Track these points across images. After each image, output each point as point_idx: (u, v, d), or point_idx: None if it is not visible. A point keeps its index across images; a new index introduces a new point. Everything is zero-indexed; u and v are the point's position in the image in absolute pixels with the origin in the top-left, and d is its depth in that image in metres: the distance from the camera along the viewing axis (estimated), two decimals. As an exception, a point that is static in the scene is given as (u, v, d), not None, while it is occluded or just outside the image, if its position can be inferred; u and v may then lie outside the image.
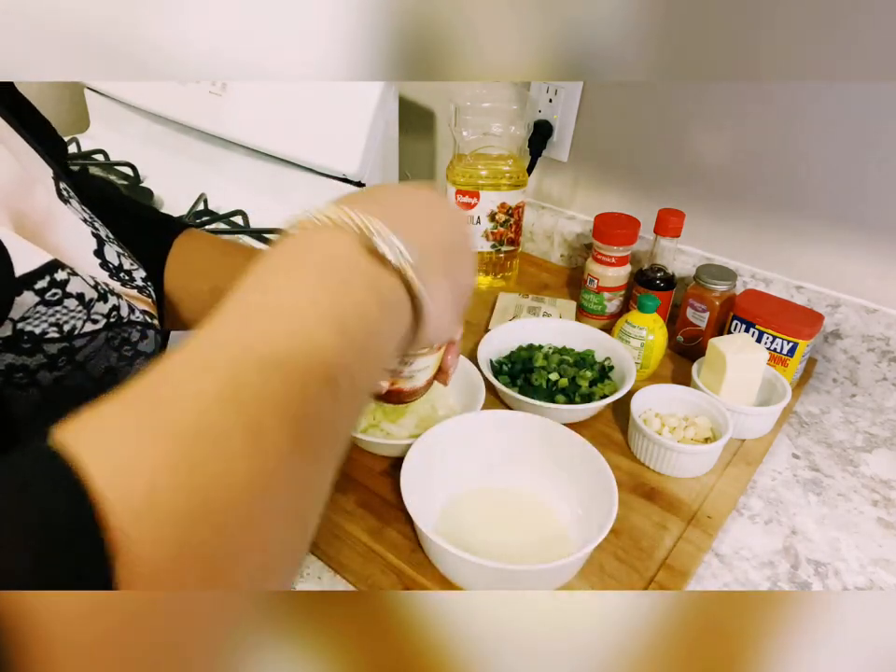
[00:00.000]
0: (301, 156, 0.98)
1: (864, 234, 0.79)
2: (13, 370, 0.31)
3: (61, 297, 0.33)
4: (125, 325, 0.38)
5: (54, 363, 0.33)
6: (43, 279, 0.32)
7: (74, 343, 0.34)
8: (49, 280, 0.32)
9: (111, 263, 0.40)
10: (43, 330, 0.32)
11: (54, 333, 0.33)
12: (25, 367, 0.32)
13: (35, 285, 0.31)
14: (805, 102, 0.77)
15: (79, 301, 0.34)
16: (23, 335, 0.31)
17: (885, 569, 0.59)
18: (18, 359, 0.31)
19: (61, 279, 0.33)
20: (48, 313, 0.32)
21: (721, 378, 0.70)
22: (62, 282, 0.33)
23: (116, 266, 0.41)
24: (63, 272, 0.33)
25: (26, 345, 0.31)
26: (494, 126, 0.92)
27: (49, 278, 0.32)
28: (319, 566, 0.57)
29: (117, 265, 0.41)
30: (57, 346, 0.33)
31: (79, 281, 0.34)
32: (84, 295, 0.34)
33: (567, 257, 1.07)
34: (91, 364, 0.36)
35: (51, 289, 0.32)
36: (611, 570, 0.56)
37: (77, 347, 0.34)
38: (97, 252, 0.40)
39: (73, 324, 0.34)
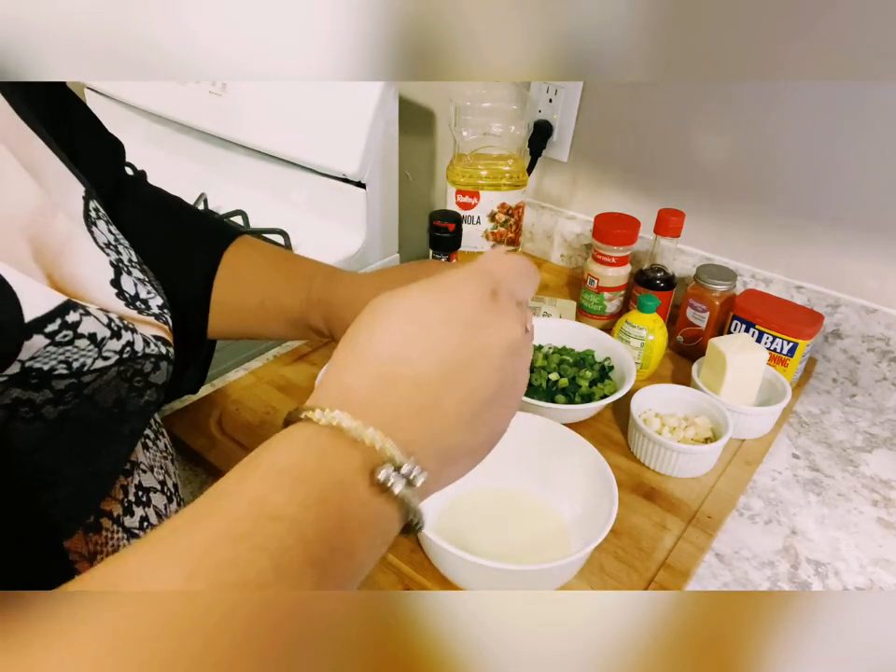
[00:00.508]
0: (301, 156, 0.98)
1: (864, 234, 0.79)
2: (19, 404, 0.31)
3: (72, 337, 0.32)
4: (139, 358, 0.37)
5: (61, 398, 0.33)
6: (54, 322, 0.31)
7: (82, 378, 0.33)
8: (61, 323, 0.31)
9: (127, 293, 0.40)
10: (52, 367, 0.31)
11: (63, 370, 0.32)
12: (31, 401, 0.31)
13: (45, 328, 0.30)
14: (805, 102, 0.77)
15: (91, 341, 0.33)
16: (31, 371, 0.31)
17: (885, 569, 0.59)
18: (24, 394, 0.31)
19: (72, 321, 0.32)
20: (57, 352, 0.31)
21: (721, 378, 0.70)
22: (73, 324, 0.32)
23: (132, 295, 0.41)
24: (75, 312, 0.32)
25: (33, 381, 0.31)
26: (494, 126, 0.92)
27: (61, 321, 0.31)
28: (319, 566, 0.57)
29: (133, 294, 0.41)
30: (65, 382, 0.32)
31: (92, 321, 0.33)
32: (96, 335, 0.34)
33: (567, 257, 1.07)
34: (100, 396, 0.35)
35: (62, 331, 0.31)
36: (611, 570, 0.56)
37: (86, 383, 0.34)
38: (113, 282, 0.39)
39: (82, 361, 0.33)
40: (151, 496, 0.44)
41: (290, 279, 0.56)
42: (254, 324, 0.57)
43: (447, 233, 0.82)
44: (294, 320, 0.55)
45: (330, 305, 0.53)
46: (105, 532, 0.39)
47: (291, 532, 0.24)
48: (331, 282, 0.55)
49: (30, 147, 0.38)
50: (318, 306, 0.54)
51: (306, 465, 0.26)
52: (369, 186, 0.96)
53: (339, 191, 0.98)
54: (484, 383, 0.30)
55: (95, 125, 0.52)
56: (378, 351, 0.29)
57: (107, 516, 0.39)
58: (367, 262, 1.02)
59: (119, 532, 0.39)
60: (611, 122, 0.95)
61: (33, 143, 0.38)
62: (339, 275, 0.56)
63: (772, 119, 0.81)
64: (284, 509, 0.24)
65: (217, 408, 0.72)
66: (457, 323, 0.29)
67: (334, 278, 0.55)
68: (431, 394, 0.29)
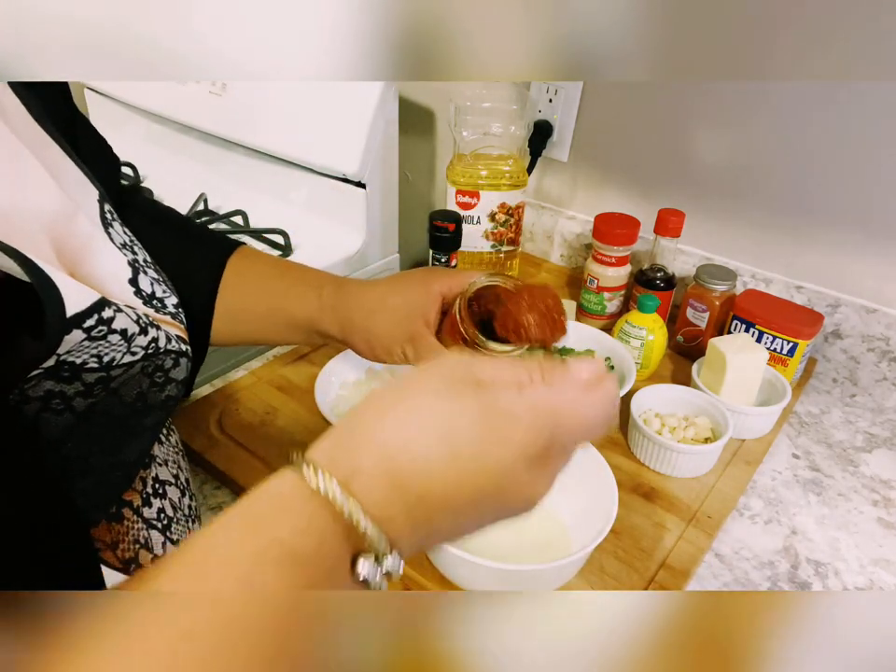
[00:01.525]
0: (301, 156, 0.98)
1: (864, 234, 0.79)
2: (51, 396, 0.32)
3: (106, 333, 0.33)
4: (161, 354, 0.39)
5: (90, 391, 0.34)
6: (91, 318, 0.32)
7: (111, 372, 0.35)
8: (97, 318, 0.33)
9: (144, 291, 0.41)
10: (84, 361, 0.33)
11: (94, 364, 0.33)
12: (63, 393, 0.32)
13: (83, 324, 0.32)
14: (805, 102, 0.77)
15: (122, 336, 0.35)
16: (65, 365, 0.32)
17: (885, 569, 0.59)
18: (56, 386, 0.32)
19: (107, 317, 0.33)
20: (91, 346, 0.33)
21: (721, 378, 0.70)
22: (108, 319, 0.33)
23: (149, 294, 0.42)
24: (109, 309, 0.34)
25: (66, 374, 0.32)
26: (494, 126, 0.92)
27: (97, 316, 0.33)
28: (319, 566, 0.57)
29: (150, 293, 0.42)
30: (95, 376, 0.34)
31: (124, 317, 0.35)
32: (127, 330, 0.35)
33: (567, 257, 1.07)
34: (125, 390, 0.37)
35: (98, 326, 0.33)
36: (611, 570, 0.56)
37: (114, 377, 0.35)
38: (131, 281, 0.40)
39: (112, 356, 0.34)
40: (167, 488, 0.45)
41: (298, 286, 0.57)
42: (260, 330, 0.58)
43: (447, 233, 0.82)
44: (302, 327, 0.57)
45: (347, 314, 0.54)
46: (126, 522, 0.40)
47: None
48: (342, 289, 0.56)
49: (48, 151, 0.39)
50: (332, 313, 0.55)
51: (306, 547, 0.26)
52: (369, 186, 0.96)
53: (339, 191, 0.98)
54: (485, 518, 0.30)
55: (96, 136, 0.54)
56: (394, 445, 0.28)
57: (128, 506, 0.41)
58: (367, 262, 1.02)
59: (138, 522, 0.41)
60: (611, 122, 0.95)
61: (51, 147, 0.39)
62: (348, 283, 0.58)
63: (772, 119, 0.81)
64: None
65: (216, 408, 0.72)
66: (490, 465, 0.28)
67: (344, 286, 0.57)
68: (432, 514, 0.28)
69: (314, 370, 0.74)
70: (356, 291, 0.56)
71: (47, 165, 0.36)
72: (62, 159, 0.40)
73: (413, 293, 0.54)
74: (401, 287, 0.55)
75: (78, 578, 0.32)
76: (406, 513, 0.28)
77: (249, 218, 1.01)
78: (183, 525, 0.46)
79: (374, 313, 0.54)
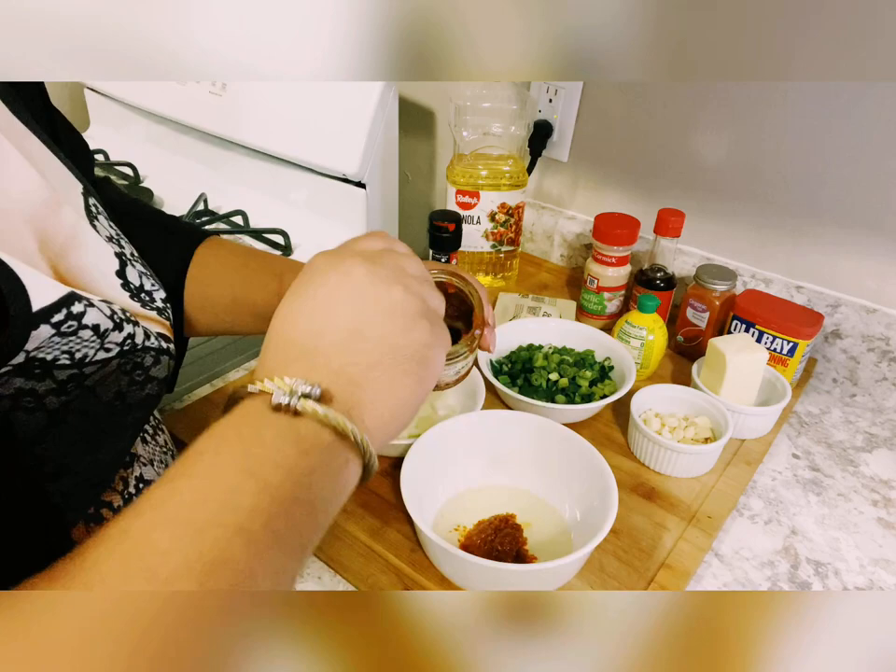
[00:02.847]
0: (300, 156, 0.98)
1: (864, 234, 0.79)
2: (21, 394, 0.31)
3: (76, 328, 0.33)
4: (138, 351, 0.38)
5: (63, 388, 0.33)
6: (60, 312, 0.32)
7: (84, 370, 0.34)
8: (66, 313, 0.32)
9: (132, 284, 0.41)
10: (55, 357, 0.32)
11: (65, 360, 0.33)
12: (34, 391, 0.32)
13: (51, 318, 0.31)
14: (805, 102, 0.77)
15: (94, 332, 0.34)
16: (35, 361, 0.31)
17: (885, 569, 0.59)
18: (27, 384, 0.31)
19: (77, 312, 0.33)
20: (61, 342, 0.32)
21: (721, 378, 0.70)
22: (78, 314, 0.33)
23: (137, 287, 0.41)
24: (79, 304, 0.33)
25: (36, 371, 0.31)
26: (494, 126, 0.92)
27: (66, 311, 0.32)
28: (319, 566, 0.57)
29: (138, 286, 0.41)
30: (67, 373, 0.33)
31: (95, 312, 0.34)
32: (99, 326, 0.34)
33: (567, 257, 1.07)
34: (101, 388, 0.36)
35: (67, 322, 0.32)
36: (611, 570, 0.56)
37: (87, 374, 0.34)
38: (119, 273, 0.40)
39: (85, 352, 0.34)
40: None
41: (259, 275, 0.57)
42: (227, 319, 0.58)
43: (447, 233, 0.82)
44: (265, 315, 0.56)
45: None
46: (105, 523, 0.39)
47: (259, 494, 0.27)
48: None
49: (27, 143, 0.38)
50: None
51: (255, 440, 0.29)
52: (369, 186, 0.96)
53: (339, 191, 0.98)
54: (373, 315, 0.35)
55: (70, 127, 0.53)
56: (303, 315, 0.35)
57: (108, 507, 0.40)
58: (367, 262, 1.02)
59: None
60: (611, 122, 0.95)
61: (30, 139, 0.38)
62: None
63: (772, 119, 0.81)
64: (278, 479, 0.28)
65: (217, 408, 0.72)
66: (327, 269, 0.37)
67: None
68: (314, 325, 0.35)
69: (314, 370, 0.74)
70: None
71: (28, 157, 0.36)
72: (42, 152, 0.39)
73: None
74: None
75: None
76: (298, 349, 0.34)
77: (249, 218, 1.01)
78: None
79: None
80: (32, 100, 0.44)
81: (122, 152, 1.19)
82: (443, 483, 0.61)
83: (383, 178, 0.98)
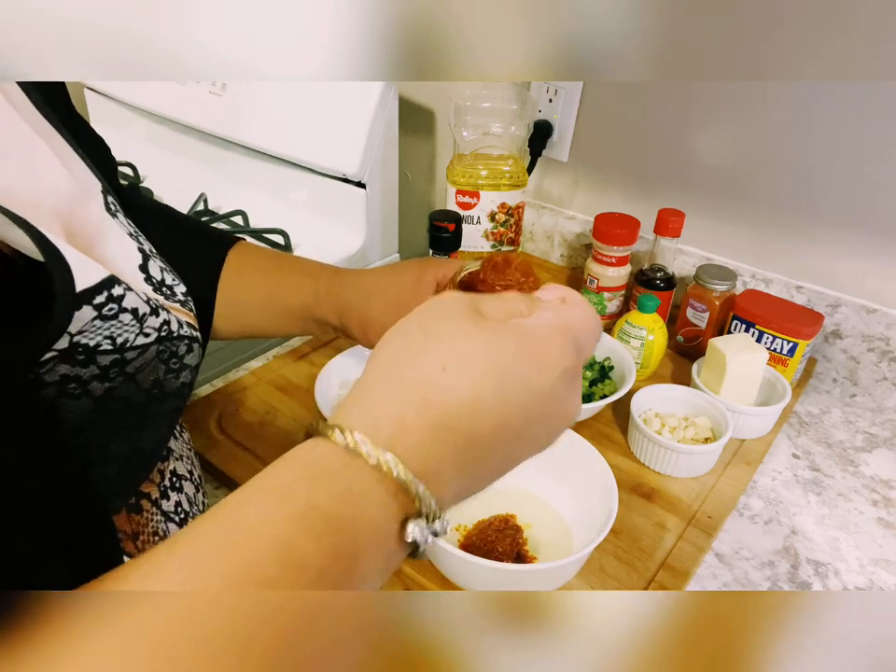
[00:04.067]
0: (301, 156, 0.98)
1: (864, 234, 0.79)
2: (67, 380, 0.32)
3: (117, 311, 0.33)
4: (174, 339, 0.39)
5: (106, 374, 0.34)
6: (101, 294, 0.32)
7: (125, 355, 0.35)
8: (107, 295, 0.33)
9: (154, 278, 0.41)
10: (97, 343, 0.33)
11: (107, 346, 0.33)
12: (78, 377, 0.32)
13: (93, 300, 0.32)
14: (805, 102, 0.77)
15: (133, 316, 0.35)
16: (78, 347, 0.32)
17: (885, 569, 0.59)
18: (72, 370, 0.32)
19: (117, 294, 0.33)
20: (103, 326, 0.33)
21: (720, 378, 0.70)
22: (118, 297, 0.33)
23: (159, 281, 0.42)
24: (119, 287, 0.34)
25: (80, 356, 0.32)
26: (494, 126, 0.92)
27: (107, 293, 0.33)
28: (319, 566, 0.57)
29: (160, 280, 0.42)
30: (109, 358, 0.34)
31: (134, 296, 0.35)
32: (138, 310, 0.35)
33: (567, 257, 1.07)
34: (141, 376, 0.37)
35: (108, 304, 0.33)
36: (611, 570, 0.56)
37: (129, 359, 0.35)
38: (142, 267, 0.41)
39: (126, 337, 0.34)
40: (183, 483, 0.46)
41: (294, 276, 0.58)
42: (259, 321, 0.59)
43: (447, 233, 0.82)
44: (299, 316, 0.57)
45: (343, 298, 0.56)
46: (145, 513, 0.41)
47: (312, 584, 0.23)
48: (339, 277, 0.57)
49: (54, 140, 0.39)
50: (328, 299, 0.56)
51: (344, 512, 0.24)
52: (369, 186, 0.96)
53: (339, 191, 0.98)
54: (532, 445, 0.30)
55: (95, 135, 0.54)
56: (436, 388, 0.27)
57: (147, 498, 0.41)
58: (367, 262, 1.02)
59: (157, 514, 0.41)
60: (611, 122, 0.95)
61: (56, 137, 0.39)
62: (345, 271, 0.59)
63: (772, 120, 0.81)
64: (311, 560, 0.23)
65: (216, 408, 0.72)
66: (536, 391, 0.28)
67: (340, 274, 0.58)
68: (483, 453, 0.28)
69: (314, 370, 0.74)
70: (352, 277, 0.57)
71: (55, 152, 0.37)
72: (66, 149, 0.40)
73: (408, 279, 0.55)
74: (397, 273, 0.57)
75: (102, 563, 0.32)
76: (454, 459, 0.27)
77: (249, 218, 1.01)
78: None
79: (369, 296, 0.55)
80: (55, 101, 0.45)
81: (122, 152, 1.18)
82: (443, 483, 0.61)
83: (383, 178, 0.98)
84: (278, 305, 0.57)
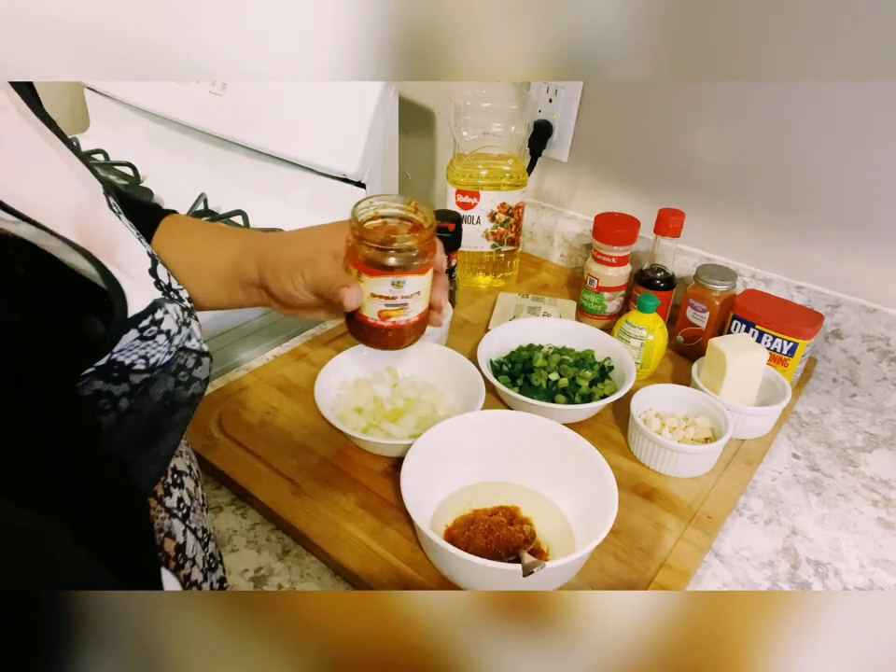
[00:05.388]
0: (301, 156, 0.98)
1: (864, 234, 0.79)
2: (99, 395, 0.33)
3: (155, 333, 0.35)
4: (181, 352, 0.40)
5: (134, 391, 0.35)
6: (147, 318, 0.34)
7: (154, 374, 0.36)
8: (151, 319, 0.34)
9: (163, 282, 0.42)
10: (132, 362, 0.34)
11: (141, 365, 0.35)
12: (111, 394, 0.34)
13: (140, 324, 0.34)
14: (805, 102, 0.77)
15: (166, 336, 0.36)
16: (115, 365, 0.33)
17: (885, 569, 0.59)
18: (105, 387, 0.33)
19: (158, 318, 0.35)
20: (140, 346, 0.34)
21: (720, 378, 0.70)
22: (158, 321, 0.35)
23: (166, 285, 0.43)
24: (160, 311, 0.35)
25: (115, 374, 0.33)
26: (494, 126, 0.92)
27: (152, 317, 0.34)
28: (319, 566, 0.57)
29: (167, 284, 0.43)
30: (141, 377, 0.35)
31: (170, 319, 0.37)
32: (170, 331, 0.37)
33: (567, 257, 1.07)
34: (153, 388, 0.38)
35: (150, 327, 0.35)
36: (611, 570, 0.56)
37: (155, 378, 0.37)
38: (151, 271, 0.41)
39: (157, 357, 0.36)
40: (184, 479, 0.46)
41: (225, 236, 0.59)
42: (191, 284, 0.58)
43: (447, 233, 0.82)
44: (226, 277, 0.57)
45: (264, 248, 0.56)
46: (151, 511, 0.41)
47: None
48: (264, 234, 0.59)
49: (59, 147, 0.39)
50: (251, 253, 0.57)
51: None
52: (369, 186, 0.96)
53: (339, 191, 0.98)
54: None
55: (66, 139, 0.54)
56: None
57: (153, 496, 0.42)
58: (367, 262, 1.02)
59: (162, 511, 0.42)
60: (611, 122, 0.95)
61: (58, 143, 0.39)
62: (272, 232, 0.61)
63: (772, 119, 0.81)
64: None
65: (217, 408, 0.72)
66: None
67: (267, 233, 0.60)
68: None
69: (314, 370, 0.74)
70: (277, 234, 0.59)
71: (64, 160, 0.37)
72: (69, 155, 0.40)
73: (326, 228, 0.58)
74: (317, 227, 0.59)
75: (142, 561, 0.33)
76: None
77: (249, 218, 1.01)
78: (199, 514, 0.47)
79: (287, 242, 0.57)
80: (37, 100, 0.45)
81: (122, 152, 1.19)
82: (443, 483, 0.61)
83: (383, 178, 0.98)
84: (210, 265, 0.57)
